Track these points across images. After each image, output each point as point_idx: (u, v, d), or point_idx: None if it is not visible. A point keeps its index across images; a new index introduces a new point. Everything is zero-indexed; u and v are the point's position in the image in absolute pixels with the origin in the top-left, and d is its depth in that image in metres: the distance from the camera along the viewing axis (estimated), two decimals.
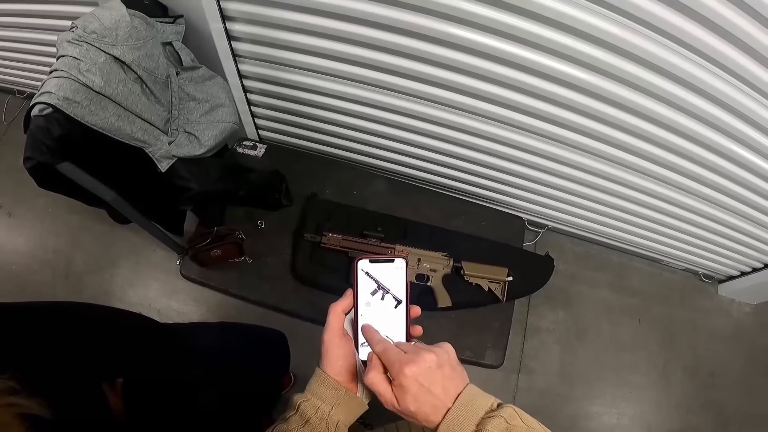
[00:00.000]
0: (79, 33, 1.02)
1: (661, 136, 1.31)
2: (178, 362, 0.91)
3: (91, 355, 0.69)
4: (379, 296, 0.62)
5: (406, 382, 0.52)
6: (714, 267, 1.98)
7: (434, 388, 0.52)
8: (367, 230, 1.36)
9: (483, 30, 1.13)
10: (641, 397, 1.90)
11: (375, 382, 0.55)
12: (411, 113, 1.47)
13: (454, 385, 0.53)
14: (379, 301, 0.62)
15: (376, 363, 0.57)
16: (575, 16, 1.03)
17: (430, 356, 0.54)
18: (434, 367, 0.53)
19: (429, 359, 0.54)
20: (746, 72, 1.08)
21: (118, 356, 0.75)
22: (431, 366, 0.53)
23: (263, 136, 1.88)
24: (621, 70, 1.13)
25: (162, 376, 0.76)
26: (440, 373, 0.53)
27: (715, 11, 0.96)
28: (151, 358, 0.83)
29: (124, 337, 0.82)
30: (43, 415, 0.49)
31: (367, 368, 0.58)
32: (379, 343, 0.58)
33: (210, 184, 1.29)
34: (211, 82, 1.32)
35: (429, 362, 0.53)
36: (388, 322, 0.62)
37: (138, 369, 0.76)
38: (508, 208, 1.86)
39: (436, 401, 0.52)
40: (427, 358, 0.54)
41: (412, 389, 0.52)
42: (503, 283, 1.35)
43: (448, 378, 0.54)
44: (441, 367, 0.54)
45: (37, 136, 0.97)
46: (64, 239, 2.09)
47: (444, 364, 0.54)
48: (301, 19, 1.24)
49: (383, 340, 0.59)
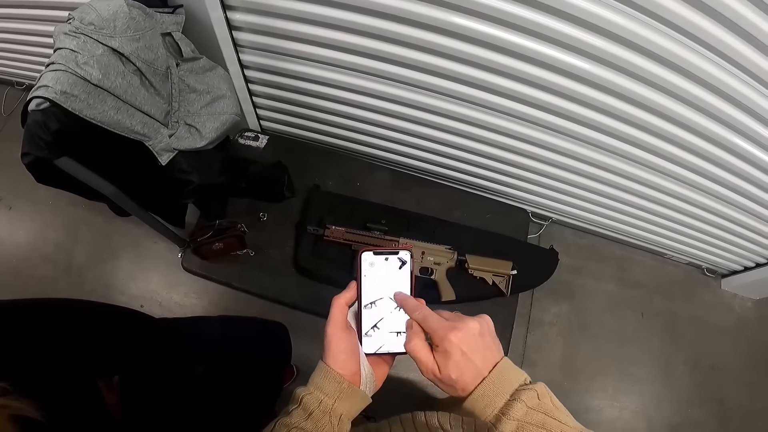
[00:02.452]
0: (76, 24, 1.00)
1: (665, 128, 1.30)
2: (177, 358, 0.90)
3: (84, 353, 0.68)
4: (383, 288, 0.61)
5: (451, 349, 0.53)
6: (717, 261, 1.98)
7: (475, 356, 0.53)
8: (371, 223, 1.35)
9: (487, 20, 1.11)
10: (643, 390, 1.90)
11: (417, 349, 0.56)
12: (414, 104, 1.45)
13: (492, 355, 0.54)
14: (384, 293, 0.61)
15: (417, 330, 0.57)
16: (582, 7, 1.01)
17: (473, 324, 0.54)
18: (477, 335, 0.54)
19: (473, 327, 0.54)
20: (755, 66, 1.07)
21: (112, 354, 0.74)
22: (475, 334, 0.54)
23: (265, 127, 1.87)
24: (626, 61, 1.12)
25: (160, 372, 0.75)
26: (482, 341, 0.54)
27: (725, 3, 0.94)
28: (148, 355, 0.82)
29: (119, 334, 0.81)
30: (35, 417, 0.48)
31: (408, 336, 0.58)
32: (418, 309, 0.58)
33: (211, 177, 1.28)
34: (212, 73, 1.30)
35: (473, 330, 0.54)
36: (393, 314, 0.61)
37: (134, 366, 0.75)
38: (513, 200, 1.85)
39: (476, 370, 0.52)
40: (471, 326, 0.54)
41: (456, 356, 0.52)
42: (507, 276, 1.34)
43: (489, 348, 0.54)
44: (483, 336, 0.54)
45: (35, 131, 0.96)
46: (65, 232, 2.08)
47: (485, 334, 0.55)
48: (302, 9, 1.22)
49: (422, 306, 0.59)
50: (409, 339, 0.57)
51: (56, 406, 0.51)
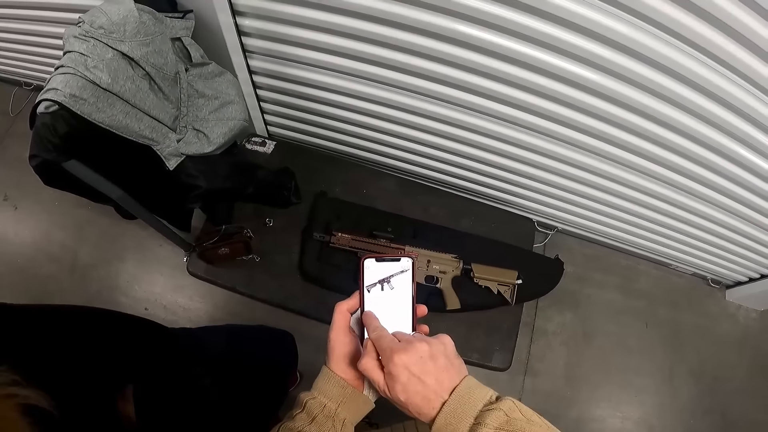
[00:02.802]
0: (86, 28, 1.00)
1: (671, 139, 1.30)
2: (187, 368, 0.90)
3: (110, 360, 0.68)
4: (384, 295, 0.62)
5: (396, 371, 0.52)
6: (722, 272, 1.97)
7: (427, 378, 0.51)
8: (377, 230, 1.35)
9: (495, 29, 1.11)
10: (646, 400, 1.89)
11: (368, 368, 0.55)
12: (422, 112, 1.45)
13: (449, 377, 0.52)
14: (385, 300, 0.62)
15: (370, 349, 0.57)
16: (587, 16, 1.01)
17: (423, 346, 0.53)
18: (426, 357, 0.52)
19: (421, 349, 0.53)
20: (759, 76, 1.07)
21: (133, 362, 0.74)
22: (423, 356, 0.52)
23: (272, 133, 1.87)
24: (631, 71, 1.11)
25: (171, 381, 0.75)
26: (433, 364, 0.52)
27: (724, 10, 0.93)
28: (161, 364, 0.82)
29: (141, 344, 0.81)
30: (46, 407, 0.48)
31: (362, 354, 0.57)
32: (375, 330, 0.58)
33: (218, 182, 1.28)
34: (221, 79, 1.31)
35: (421, 352, 0.53)
36: (394, 321, 0.61)
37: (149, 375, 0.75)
38: (519, 210, 1.84)
39: (429, 392, 0.51)
40: (420, 348, 0.53)
41: (402, 378, 0.52)
42: (513, 285, 1.34)
43: (443, 369, 0.52)
44: (434, 358, 0.53)
45: (43, 133, 0.95)
46: (70, 233, 2.08)
47: (438, 355, 0.53)
48: (312, 16, 1.22)
49: (380, 327, 0.58)
50: (361, 357, 0.56)
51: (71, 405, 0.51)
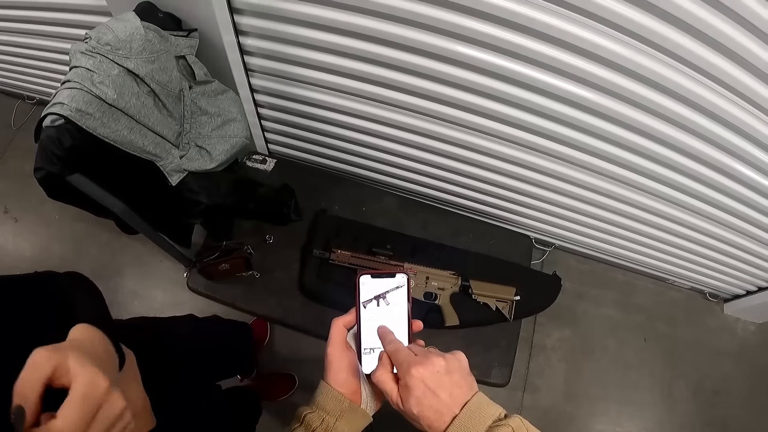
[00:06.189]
0: (93, 44, 1.01)
1: (667, 155, 1.32)
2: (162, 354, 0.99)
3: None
4: (380, 311, 0.63)
5: (412, 383, 0.53)
6: (719, 286, 1.98)
7: (441, 392, 0.53)
8: (376, 247, 1.36)
9: (494, 50, 1.14)
10: (645, 415, 1.89)
11: (382, 380, 0.57)
12: (421, 131, 1.47)
13: (461, 393, 0.53)
14: (381, 316, 0.63)
15: (385, 361, 0.58)
16: (582, 36, 1.04)
17: (439, 360, 0.54)
18: (442, 372, 0.54)
19: (438, 363, 0.54)
20: (753, 93, 1.10)
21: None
22: (439, 370, 0.54)
23: (273, 150, 1.88)
24: (626, 90, 1.14)
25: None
26: (448, 378, 0.54)
27: (718, 29, 0.96)
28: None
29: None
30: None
31: (377, 366, 0.59)
32: (392, 343, 0.59)
33: (220, 198, 1.29)
34: (224, 97, 1.33)
35: (437, 366, 0.54)
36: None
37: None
38: (516, 227, 1.86)
39: (441, 406, 0.52)
40: (436, 362, 0.54)
41: (417, 391, 0.53)
42: (511, 302, 1.34)
43: (456, 385, 0.54)
44: (449, 373, 0.54)
45: (48, 146, 0.96)
46: (70, 246, 2.09)
47: (453, 371, 0.54)
48: (313, 36, 1.25)
49: (396, 340, 0.60)
50: (377, 369, 0.58)
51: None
